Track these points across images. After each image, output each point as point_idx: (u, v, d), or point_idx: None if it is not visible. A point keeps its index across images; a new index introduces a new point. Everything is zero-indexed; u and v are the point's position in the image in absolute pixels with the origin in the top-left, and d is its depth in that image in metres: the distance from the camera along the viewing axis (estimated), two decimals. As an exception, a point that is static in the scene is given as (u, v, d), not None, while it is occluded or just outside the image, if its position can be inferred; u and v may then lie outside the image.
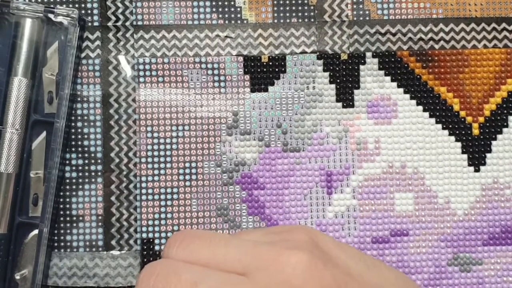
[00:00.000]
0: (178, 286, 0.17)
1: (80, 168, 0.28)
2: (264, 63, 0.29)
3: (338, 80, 0.29)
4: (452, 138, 0.29)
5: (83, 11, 0.28)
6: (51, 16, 0.27)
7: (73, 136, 0.28)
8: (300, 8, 0.29)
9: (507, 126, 0.29)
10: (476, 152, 0.29)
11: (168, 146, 0.28)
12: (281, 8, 0.29)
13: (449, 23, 0.29)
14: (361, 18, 0.29)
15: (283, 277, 0.17)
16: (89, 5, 0.28)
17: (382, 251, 0.28)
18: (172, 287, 0.17)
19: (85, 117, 0.28)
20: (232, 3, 0.29)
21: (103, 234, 0.28)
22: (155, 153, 0.28)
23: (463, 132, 0.29)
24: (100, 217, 0.28)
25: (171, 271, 0.18)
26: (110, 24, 0.29)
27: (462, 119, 0.29)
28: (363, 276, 0.19)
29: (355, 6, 0.29)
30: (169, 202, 0.28)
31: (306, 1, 0.29)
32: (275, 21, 0.29)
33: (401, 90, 0.29)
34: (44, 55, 0.28)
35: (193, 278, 0.17)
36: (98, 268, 0.28)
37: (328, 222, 0.28)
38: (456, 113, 0.29)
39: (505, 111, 0.29)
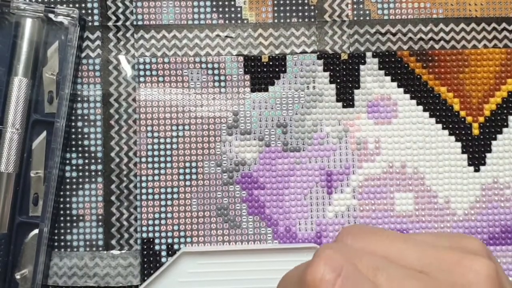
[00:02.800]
0: (359, 266, 0.17)
1: (80, 167, 0.28)
2: (264, 63, 0.29)
3: (338, 80, 0.29)
4: (452, 138, 0.29)
5: (83, 11, 0.28)
6: (51, 16, 0.27)
7: (73, 136, 0.28)
8: (300, 8, 0.29)
9: (507, 126, 0.29)
10: (476, 152, 0.29)
11: (168, 146, 0.28)
12: (282, 8, 0.29)
13: (449, 23, 0.29)
14: (361, 18, 0.29)
15: (465, 281, 0.17)
16: (89, 5, 0.28)
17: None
18: (353, 266, 0.17)
19: (86, 117, 0.28)
20: (233, 3, 0.29)
21: (103, 233, 0.28)
22: (155, 152, 0.28)
23: (463, 132, 0.29)
24: (100, 217, 0.28)
25: (352, 252, 0.17)
26: (110, 24, 0.29)
27: (462, 119, 0.29)
28: None
29: (355, 6, 0.29)
30: (169, 202, 0.28)
31: (306, 1, 0.29)
32: (275, 21, 0.29)
33: (401, 90, 0.29)
34: (45, 55, 0.28)
35: (375, 264, 0.17)
36: (98, 267, 0.28)
37: (328, 222, 0.28)
38: (456, 113, 0.29)
39: (505, 111, 0.29)
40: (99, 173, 0.28)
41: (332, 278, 0.17)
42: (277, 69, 0.29)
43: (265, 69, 0.29)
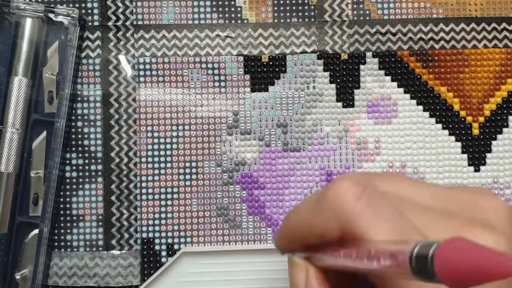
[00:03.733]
0: (382, 200, 0.16)
1: (80, 167, 0.28)
2: (264, 63, 0.29)
3: (338, 80, 0.29)
4: (452, 138, 0.29)
5: (83, 11, 0.28)
6: (51, 15, 0.27)
7: (73, 136, 0.28)
8: (300, 8, 0.29)
9: (507, 126, 0.29)
10: (476, 152, 0.29)
11: (168, 146, 0.28)
12: (282, 8, 0.29)
13: (449, 23, 0.29)
14: (361, 18, 0.29)
15: (484, 218, 0.17)
16: (89, 5, 0.28)
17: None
18: (376, 188, 0.17)
19: (86, 117, 0.28)
20: (233, 3, 0.29)
21: (103, 233, 0.28)
22: (155, 152, 0.28)
23: (463, 132, 0.29)
24: (100, 217, 0.28)
25: (371, 181, 0.17)
26: (110, 23, 0.29)
27: (462, 119, 0.29)
28: None
29: (355, 6, 0.29)
30: (169, 202, 0.28)
31: (306, 1, 0.29)
32: (276, 21, 0.29)
33: (401, 90, 0.29)
34: (45, 55, 0.28)
35: (394, 202, 0.17)
36: (99, 267, 0.28)
37: (328, 222, 0.28)
38: (456, 113, 0.29)
39: (505, 111, 0.29)
40: (99, 173, 0.28)
41: (358, 192, 0.16)
42: (277, 69, 0.29)
43: (265, 69, 0.29)
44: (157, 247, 0.28)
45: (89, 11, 0.28)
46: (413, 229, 0.16)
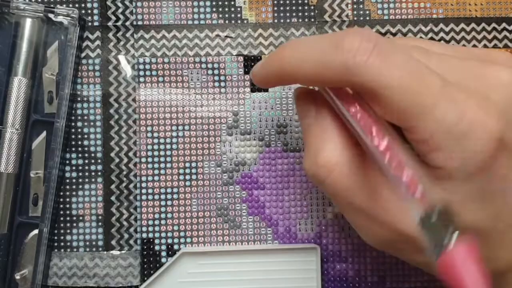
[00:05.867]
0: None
1: (80, 168, 0.28)
2: (264, 63, 0.29)
3: (338, 80, 0.29)
4: (452, 138, 0.29)
5: (83, 11, 0.28)
6: (51, 16, 0.27)
7: (73, 136, 0.28)
8: (300, 8, 0.29)
9: (507, 126, 0.29)
10: (476, 152, 0.29)
11: (168, 146, 0.28)
12: (281, 8, 0.29)
13: (449, 23, 0.29)
14: (361, 18, 0.29)
15: (485, 86, 0.18)
16: (89, 5, 0.28)
17: (382, 252, 0.28)
18: (386, 39, 0.18)
19: (85, 117, 0.28)
20: (232, 3, 0.29)
21: (103, 234, 0.28)
22: (155, 153, 0.28)
23: (463, 132, 0.29)
24: (100, 217, 0.28)
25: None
26: (110, 24, 0.29)
27: (462, 119, 0.29)
28: None
29: (355, 6, 0.29)
30: (169, 202, 0.28)
31: (306, 1, 0.29)
32: (275, 21, 0.29)
33: (401, 90, 0.29)
34: (44, 55, 0.28)
35: (408, 51, 0.18)
36: (98, 268, 0.28)
37: (328, 223, 0.28)
38: (456, 113, 0.29)
39: (505, 111, 0.29)
40: (99, 173, 0.28)
41: (370, 46, 0.17)
42: (277, 69, 0.29)
43: (265, 69, 0.29)
44: (157, 247, 0.28)
45: (89, 11, 0.28)
46: (430, 73, 0.17)
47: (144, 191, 0.28)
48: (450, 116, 0.16)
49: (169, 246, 0.28)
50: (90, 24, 0.28)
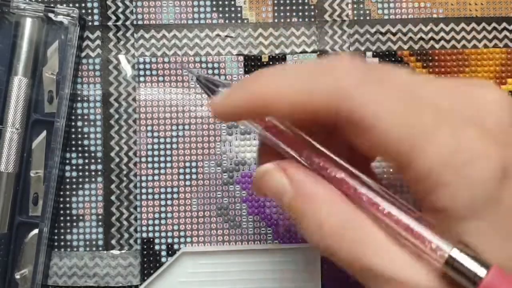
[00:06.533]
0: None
1: (80, 167, 0.28)
2: (265, 63, 0.29)
3: (339, 80, 0.29)
4: (453, 137, 0.29)
5: (83, 11, 0.28)
6: (51, 15, 0.27)
7: (73, 136, 0.28)
8: (300, 7, 0.29)
9: (507, 126, 0.29)
10: (477, 152, 0.29)
11: (168, 146, 0.28)
12: (282, 8, 0.29)
13: (449, 23, 0.29)
14: (361, 18, 0.29)
15: (481, 111, 0.16)
16: (89, 5, 0.28)
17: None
18: (379, 80, 0.16)
19: (85, 117, 0.28)
20: (233, 2, 0.29)
21: (103, 233, 0.28)
22: (155, 152, 0.28)
23: (464, 131, 0.29)
24: (100, 217, 0.28)
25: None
26: (110, 23, 0.29)
27: (463, 119, 0.29)
28: None
29: (355, 6, 0.29)
30: (169, 202, 0.28)
31: (306, 1, 0.29)
32: (276, 20, 0.29)
33: (402, 89, 0.29)
34: (44, 55, 0.28)
35: (400, 84, 0.17)
36: (98, 267, 0.28)
37: (328, 222, 0.28)
38: (456, 113, 0.29)
39: (506, 111, 0.29)
40: (99, 173, 0.28)
41: (360, 74, 0.16)
42: (277, 69, 0.29)
43: (265, 69, 0.29)
44: (157, 247, 0.28)
45: (89, 11, 0.28)
46: (422, 100, 0.16)
47: (144, 190, 0.28)
48: (448, 144, 0.15)
49: (169, 246, 0.28)
50: (90, 23, 0.28)
